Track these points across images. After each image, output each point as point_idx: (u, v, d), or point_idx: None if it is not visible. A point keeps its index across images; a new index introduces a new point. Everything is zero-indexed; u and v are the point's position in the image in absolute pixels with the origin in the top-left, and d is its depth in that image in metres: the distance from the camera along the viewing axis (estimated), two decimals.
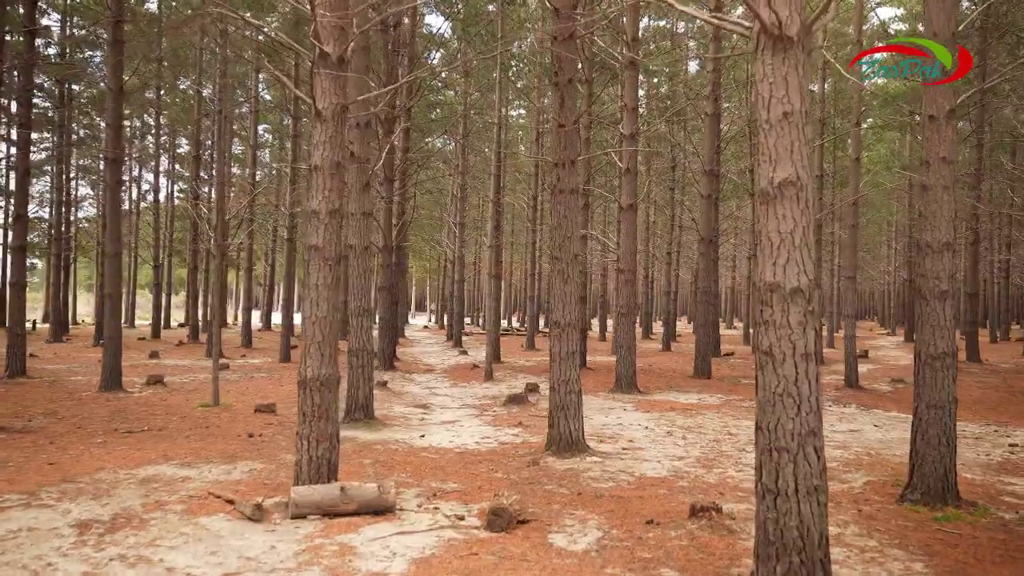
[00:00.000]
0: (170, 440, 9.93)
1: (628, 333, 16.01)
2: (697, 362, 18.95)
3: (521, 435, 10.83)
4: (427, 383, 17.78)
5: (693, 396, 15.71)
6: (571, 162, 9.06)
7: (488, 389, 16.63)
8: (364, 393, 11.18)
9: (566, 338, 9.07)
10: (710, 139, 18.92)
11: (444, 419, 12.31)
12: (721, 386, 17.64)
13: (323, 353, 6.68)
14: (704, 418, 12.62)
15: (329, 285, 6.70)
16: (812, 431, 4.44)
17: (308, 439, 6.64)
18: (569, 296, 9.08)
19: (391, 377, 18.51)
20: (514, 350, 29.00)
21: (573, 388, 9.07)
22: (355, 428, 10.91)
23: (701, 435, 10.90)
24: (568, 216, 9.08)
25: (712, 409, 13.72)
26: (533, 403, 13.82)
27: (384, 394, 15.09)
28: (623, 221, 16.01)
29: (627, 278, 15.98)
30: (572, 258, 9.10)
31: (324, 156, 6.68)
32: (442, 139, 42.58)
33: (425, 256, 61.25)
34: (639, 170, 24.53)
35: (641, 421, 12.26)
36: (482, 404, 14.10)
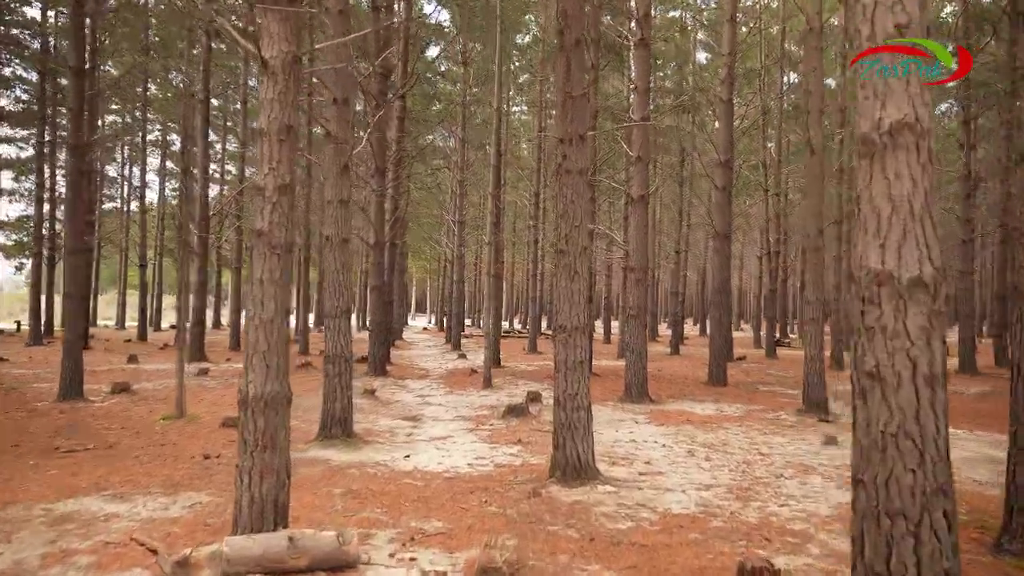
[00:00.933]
0: (112, 463, 8.55)
1: (639, 337, 14.62)
2: (712, 368, 17.55)
3: (521, 455, 9.44)
4: (420, 390, 16.40)
5: (710, 406, 14.32)
6: (579, 137, 7.67)
7: (486, 397, 15.25)
8: (342, 406, 9.80)
9: (573, 344, 7.69)
10: (725, 127, 17.52)
11: (435, 434, 10.92)
12: (739, 394, 16.24)
13: (269, 364, 5.30)
14: (727, 433, 11.21)
15: (277, 280, 5.32)
16: (940, 488, 3.05)
17: (249, 474, 5.26)
18: (576, 295, 7.70)
19: (381, 384, 17.12)
20: (515, 353, 27.61)
21: (582, 403, 7.68)
22: (330, 447, 9.52)
23: (727, 455, 9.49)
24: (576, 202, 7.69)
25: (734, 422, 12.32)
26: (535, 415, 12.43)
27: (370, 404, 13.70)
28: (633, 214, 14.63)
29: (638, 277, 14.59)
30: (580, 251, 7.72)
31: (272, 118, 5.31)
32: (441, 135, 41.31)
33: (425, 256, 59.94)
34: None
35: (656, 437, 10.86)
36: (478, 416, 12.71)
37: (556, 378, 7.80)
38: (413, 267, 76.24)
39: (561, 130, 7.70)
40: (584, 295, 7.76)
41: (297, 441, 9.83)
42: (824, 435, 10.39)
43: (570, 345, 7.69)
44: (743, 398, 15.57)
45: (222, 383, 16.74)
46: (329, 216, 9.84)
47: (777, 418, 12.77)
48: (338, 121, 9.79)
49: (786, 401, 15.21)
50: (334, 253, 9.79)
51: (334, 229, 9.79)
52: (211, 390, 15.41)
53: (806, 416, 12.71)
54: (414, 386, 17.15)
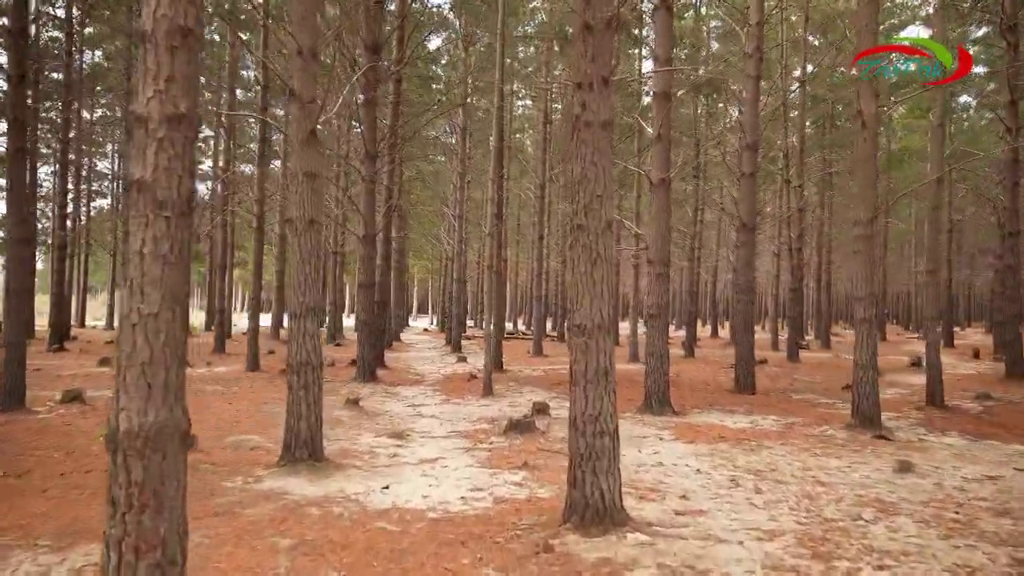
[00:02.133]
0: (13, 498, 6.80)
1: (660, 339, 12.86)
2: (738, 373, 15.77)
3: (527, 484, 7.68)
4: (413, 399, 14.65)
5: (742, 419, 12.54)
6: (602, 80, 5.92)
7: (486, 407, 13.49)
8: (308, 424, 8.04)
9: (594, 349, 5.93)
10: (751, 106, 15.76)
11: (423, 455, 9.16)
12: (771, 404, 14.45)
13: (152, 382, 3.55)
14: (771, 454, 9.43)
15: (166, 256, 3.57)
16: None
17: (120, 548, 3.50)
18: (599, 285, 5.94)
19: (370, 391, 15.37)
20: (519, 356, 25.84)
21: (606, 427, 5.92)
22: (292, 475, 7.76)
23: (781, 485, 7.71)
24: (598, 163, 5.93)
25: (775, 439, 10.53)
26: (542, 430, 10.66)
27: (352, 416, 11.95)
28: (654, 200, 12.86)
29: (659, 271, 12.83)
30: (603, 228, 5.96)
31: (159, 15, 3.56)
32: (442, 130, 39.65)
33: (426, 256, 58.24)
34: None
35: (688, 459, 9.09)
36: (476, 431, 10.95)
37: (573, 393, 6.04)
38: (415, 267, 74.57)
39: (578, 71, 5.94)
40: (609, 285, 6.00)
41: (255, 467, 8.09)
42: (895, 460, 8.61)
43: (591, 350, 5.93)
44: (777, 408, 13.78)
45: (192, 391, 14.98)
46: (293, 193, 8.09)
47: (824, 434, 10.98)
48: (303, 76, 8.04)
49: (827, 412, 13.42)
50: (299, 238, 8.04)
51: (299, 208, 8.04)
52: None
53: (858, 432, 10.93)
54: (406, 394, 15.40)
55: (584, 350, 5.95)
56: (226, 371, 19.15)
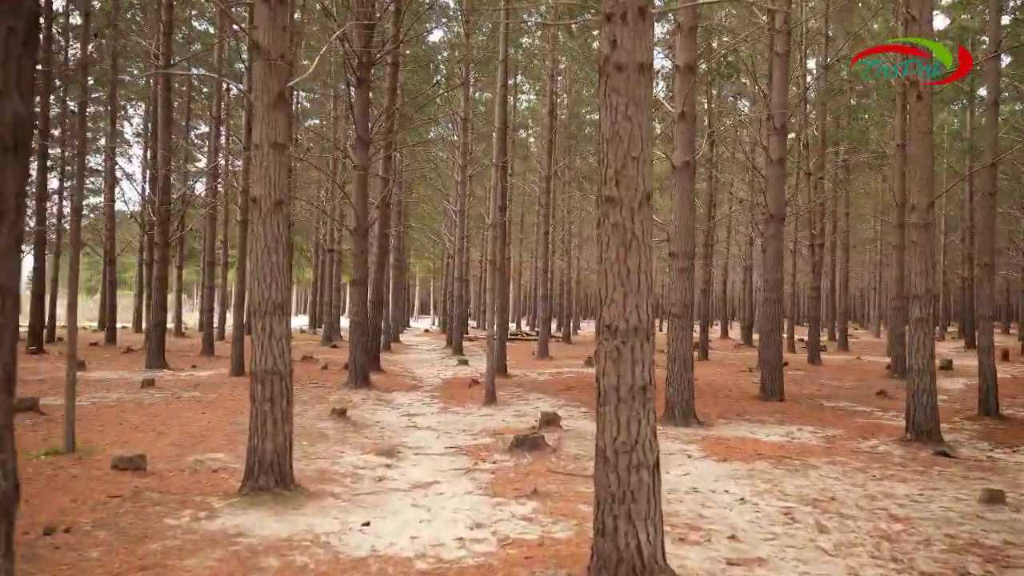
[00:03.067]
0: None
1: (683, 342, 11.50)
2: (765, 379, 14.40)
3: (538, 519, 6.32)
4: (408, 407, 13.30)
5: (776, 431, 11.18)
6: (639, 11, 4.57)
7: (489, 418, 12.14)
8: (275, 445, 6.69)
9: (629, 358, 4.57)
10: (779, 86, 14.39)
11: (415, 478, 7.81)
12: (803, 413, 13.09)
13: None
14: (822, 477, 8.07)
15: None
16: None
17: None
18: (634, 275, 4.59)
19: (361, 398, 14.03)
20: (523, 359, 24.50)
21: (643, 459, 4.56)
22: (254, 507, 6.41)
23: (848, 521, 6.34)
24: (633, 118, 4.58)
25: (820, 457, 9.17)
26: (552, 447, 9.29)
27: (338, 429, 10.59)
28: (677, 185, 11.49)
29: (682, 265, 11.47)
30: (641, 200, 4.61)
31: None
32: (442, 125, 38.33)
33: (427, 254, 56.96)
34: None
35: (725, 482, 7.74)
36: (478, 446, 9.59)
37: (600, 413, 4.68)
38: (416, 267, 73.28)
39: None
40: (648, 275, 4.64)
41: (212, 495, 6.73)
42: (979, 487, 7.23)
43: (624, 359, 4.56)
44: (811, 418, 12.41)
45: (168, 396, 13.67)
46: (256, 167, 6.74)
47: (875, 451, 9.61)
48: (270, 27, 6.69)
49: (868, 423, 12.06)
50: (264, 222, 6.69)
51: (264, 186, 6.69)
52: (147, 407, 12.34)
53: (915, 448, 9.55)
54: (401, 401, 14.04)
55: (616, 359, 4.58)
56: (209, 375, 17.84)
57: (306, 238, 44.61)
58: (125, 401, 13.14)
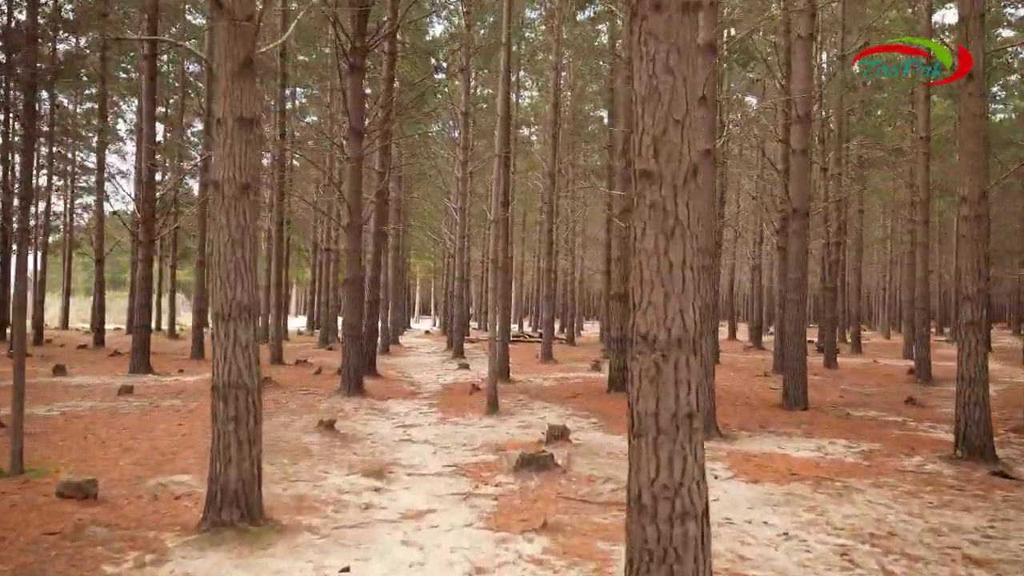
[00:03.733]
0: None
1: (705, 348, 10.49)
2: (787, 386, 13.39)
3: (549, 562, 5.34)
4: (404, 416, 12.31)
5: (806, 444, 10.18)
6: None
7: (491, 429, 11.15)
8: (240, 472, 5.71)
9: (672, 378, 3.59)
10: (803, 70, 13.39)
11: (407, 506, 6.82)
12: (831, 423, 12.09)
13: None
14: (870, 503, 7.07)
15: None
16: None
17: None
18: (678, 270, 3.61)
19: (354, 407, 13.04)
20: (526, 362, 23.50)
21: (690, 507, 3.57)
22: (213, 547, 5.42)
23: (917, 565, 5.35)
24: (675, 71, 3.60)
25: (861, 477, 8.17)
26: (562, 466, 8.29)
27: (324, 444, 9.60)
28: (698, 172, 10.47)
29: (703, 263, 10.44)
30: (688, 175, 3.66)
31: None
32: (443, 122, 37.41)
33: (428, 254, 56.00)
34: None
35: (762, 510, 6.74)
36: (479, 465, 8.60)
37: (635, 450, 3.68)
38: (417, 267, 72.32)
39: None
40: (696, 270, 3.66)
41: (168, 530, 5.76)
42: None
43: (666, 378, 3.58)
44: (841, 429, 11.41)
45: (147, 405, 12.70)
46: (220, 146, 5.75)
47: (922, 469, 8.61)
48: None
49: (905, 435, 11.06)
50: (227, 209, 5.71)
51: (227, 167, 5.71)
52: (121, 417, 11.37)
53: (968, 467, 8.55)
54: (396, 410, 13.05)
55: (653, 377, 3.59)
56: (194, 381, 16.86)
57: (304, 237, 43.66)
58: (98, 410, 12.16)
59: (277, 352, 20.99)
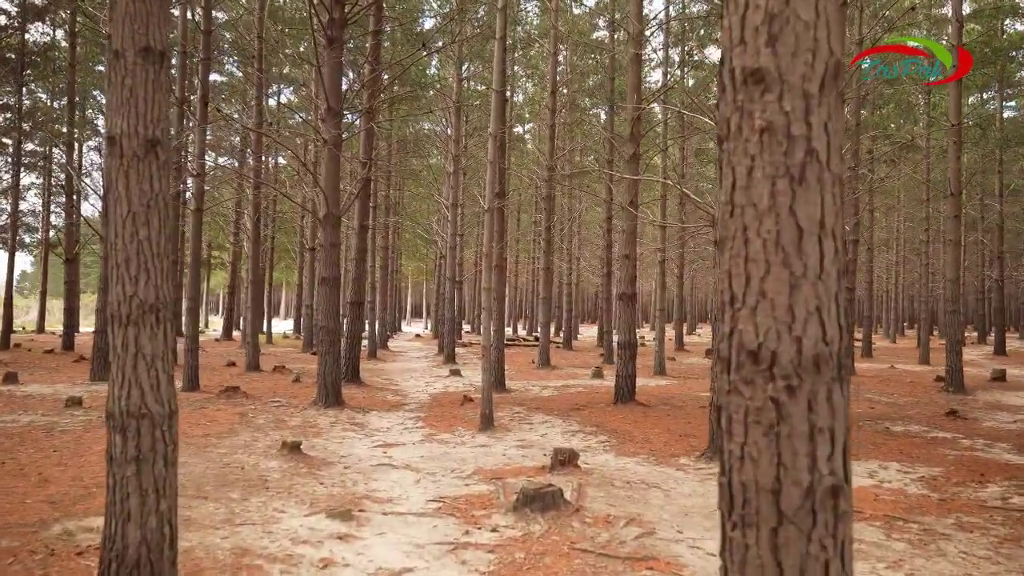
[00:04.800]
0: None
1: None
2: None
3: None
4: (385, 433, 10.79)
5: (854, 469, 8.69)
6: None
7: (485, 450, 9.62)
8: (146, 532, 4.17)
9: (805, 422, 2.05)
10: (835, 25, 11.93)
11: (378, 566, 5.29)
12: (874, 441, 10.60)
13: None
14: (965, 556, 5.58)
15: None
16: None
17: None
18: (813, 240, 2.07)
19: (330, 423, 11.51)
20: (523, 368, 22.01)
21: None
22: None
23: None
24: None
25: (937, 514, 6.69)
26: (572, 503, 6.77)
27: (288, 471, 8.06)
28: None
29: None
30: (829, 77, 2.11)
31: None
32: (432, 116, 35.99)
33: (420, 254, 54.48)
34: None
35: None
36: (470, 499, 7.06)
37: (733, 545, 2.15)
38: (408, 268, 70.77)
39: None
40: (840, 239, 2.15)
41: None
42: None
43: (795, 428, 2.05)
44: (888, 450, 9.92)
45: (88, 423, 11.10)
46: (116, 88, 4.23)
47: (1009, 505, 7.12)
48: None
49: (962, 456, 9.57)
50: (126, 172, 4.18)
51: (128, 117, 4.18)
52: (52, 437, 9.80)
53: None
54: (378, 425, 11.52)
55: (771, 427, 2.07)
56: None
57: (290, 238, 42.10)
58: (36, 426, 10.61)
59: (253, 358, 19.42)
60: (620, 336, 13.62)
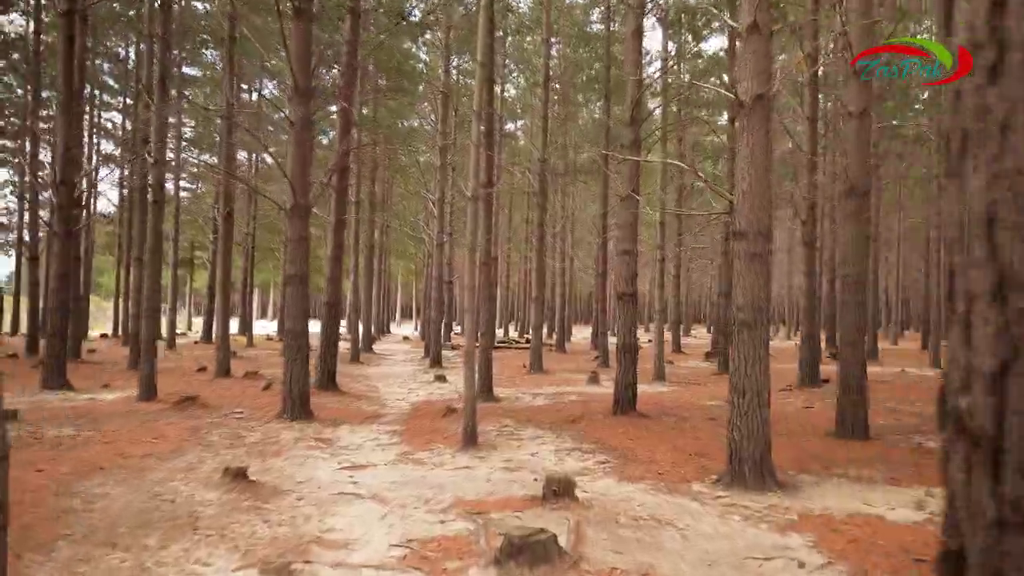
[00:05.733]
0: None
1: (757, 364, 7.73)
2: (843, 410, 10.63)
3: None
4: (355, 452, 9.46)
5: (898, 497, 7.42)
6: None
7: (466, 474, 8.30)
8: None
9: None
10: (864, 5, 10.68)
11: None
12: (912, 461, 9.34)
13: None
14: None
15: None
16: None
17: None
18: None
19: (293, 439, 10.17)
20: (513, 373, 20.72)
21: None
22: None
23: None
24: None
25: None
26: (570, 555, 5.44)
27: (227, 504, 6.71)
28: (745, 131, 7.74)
29: (753, 250, 7.72)
30: None
31: None
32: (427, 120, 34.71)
33: (411, 254, 53.15)
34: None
35: None
36: (443, 547, 5.73)
37: None
38: (400, 268, 69.41)
39: None
40: None
41: None
42: None
43: None
44: (933, 473, 8.64)
45: (15, 440, 9.71)
46: None
47: None
48: None
49: None
50: None
51: None
52: None
53: None
54: (348, 441, 10.19)
55: None
56: (113, 399, 13.97)
57: (274, 236, 40.76)
58: None
59: (224, 363, 18.06)
60: (619, 339, 12.34)
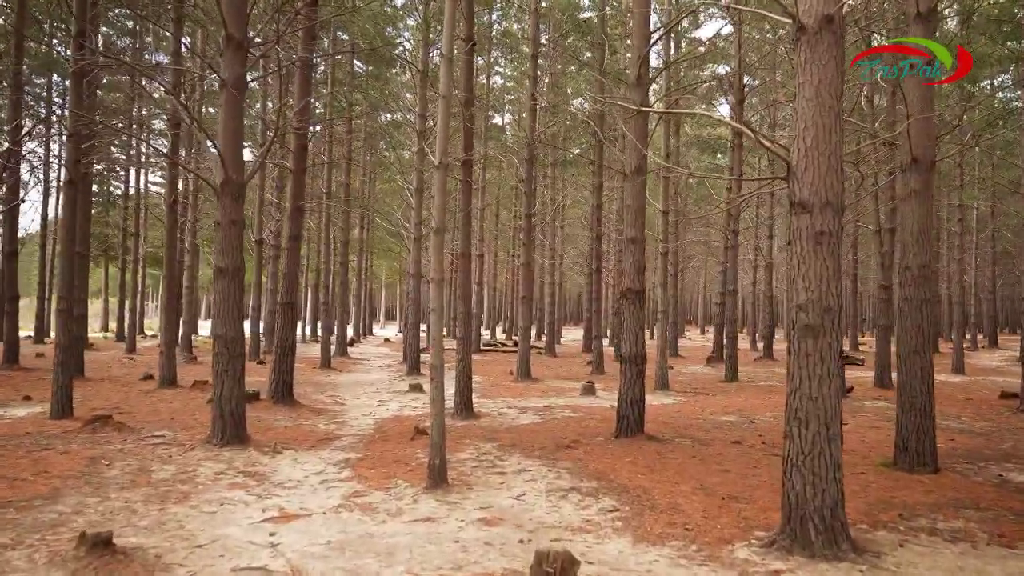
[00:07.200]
0: None
1: (825, 383, 5.63)
2: (906, 434, 8.53)
3: None
4: (289, 493, 7.29)
5: (1018, 564, 5.34)
6: None
7: (428, 534, 6.15)
8: None
9: None
10: None
11: None
12: (1001, 502, 7.26)
13: None
14: None
15: None
16: None
17: None
18: None
19: (217, 472, 8.01)
20: (498, 381, 18.61)
21: None
22: None
23: None
24: None
25: None
26: None
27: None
28: (807, 67, 5.64)
29: (820, 227, 5.64)
30: None
31: None
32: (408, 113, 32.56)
33: (394, 253, 50.87)
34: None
35: None
36: None
37: None
38: (384, 268, 67.13)
39: None
40: None
41: None
42: None
43: None
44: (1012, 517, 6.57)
45: None
46: None
47: None
48: None
49: None
50: None
51: None
52: None
53: None
54: (286, 475, 8.02)
55: None
56: (21, 417, 11.76)
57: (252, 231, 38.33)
58: None
59: (168, 371, 15.83)
60: (626, 346, 10.24)
